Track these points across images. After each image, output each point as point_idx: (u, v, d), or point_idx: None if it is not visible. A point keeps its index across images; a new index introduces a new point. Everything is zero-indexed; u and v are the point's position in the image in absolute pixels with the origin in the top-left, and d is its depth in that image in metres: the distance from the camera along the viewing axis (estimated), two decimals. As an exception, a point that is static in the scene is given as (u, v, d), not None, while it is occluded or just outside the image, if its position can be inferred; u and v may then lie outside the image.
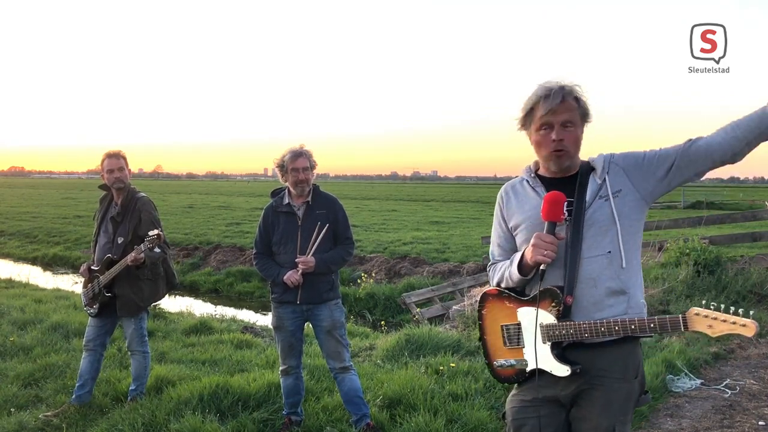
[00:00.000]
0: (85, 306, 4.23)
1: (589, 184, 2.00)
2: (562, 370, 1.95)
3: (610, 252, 1.94)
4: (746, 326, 1.62)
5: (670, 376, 4.78)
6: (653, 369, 4.74)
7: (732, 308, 1.63)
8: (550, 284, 1.96)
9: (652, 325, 1.85)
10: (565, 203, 1.94)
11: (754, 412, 4.21)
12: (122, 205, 4.10)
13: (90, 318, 4.23)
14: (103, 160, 4.09)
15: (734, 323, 1.63)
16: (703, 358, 5.31)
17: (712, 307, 1.68)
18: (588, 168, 2.03)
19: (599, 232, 1.95)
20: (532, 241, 1.96)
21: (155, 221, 4.12)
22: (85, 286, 4.22)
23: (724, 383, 4.78)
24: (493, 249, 2.22)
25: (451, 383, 4.44)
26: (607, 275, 1.94)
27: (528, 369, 2.03)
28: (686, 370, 4.92)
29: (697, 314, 1.71)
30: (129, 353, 4.30)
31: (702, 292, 6.80)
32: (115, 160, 4.05)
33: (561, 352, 1.96)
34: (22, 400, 4.32)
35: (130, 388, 4.26)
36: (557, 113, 1.94)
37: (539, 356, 1.98)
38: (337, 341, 3.71)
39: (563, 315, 1.94)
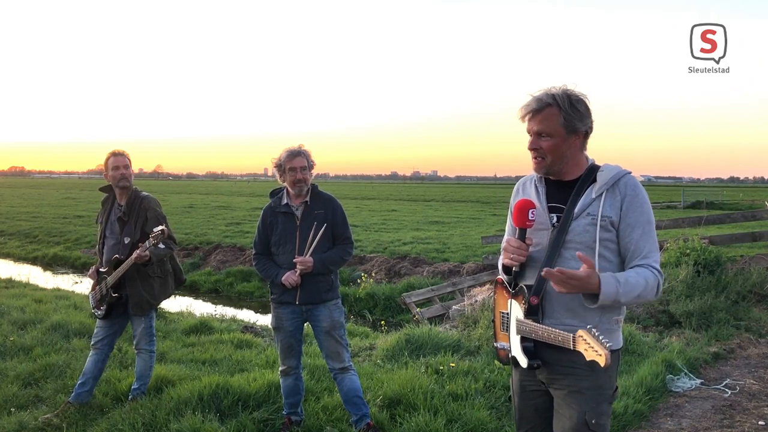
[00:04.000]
0: (93, 308, 4.24)
1: (584, 196, 2.04)
2: (523, 362, 2.10)
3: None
4: (600, 356, 1.77)
5: (670, 376, 4.78)
6: (653, 369, 4.75)
7: (601, 337, 1.79)
8: (527, 282, 2.09)
9: (560, 338, 1.94)
10: (531, 210, 2.03)
11: (754, 412, 4.22)
12: (127, 204, 4.10)
13: (101, 321, 4.23)
14: (108, 158, 4.09)
15: (595, 350, 1.79)
16: (703, 358, 5.32)
17: (593, 332, 1.82)
18: (590, 176, 2.05)
19: (581, 247, 2.01)
20: (503, 244, 2.12)
21: (161, 218, 4.13)
22: (93, 289, 4.22)
23: (724, 383, 4.78)
24: (504, 241, 2.31)
25: (451, 383, 4.44)
26: None
27: (510, 355, 2.20)
28: (686, 370, 4.92)
29: (580, 335, 1.86)
30: (135, 351, 4.29)
31: (702, 291, 6.81)
32: (121, 158, 4.08)
33: (530, 345, 2.08)
34: (22, 400, 4.31)
35: (133, 386, 4.25)
36: (532, 123, 2.02)
37: (514, 345, 2.16)
38: (337, 341, 3.71)
39: (528, 313, 2.06)
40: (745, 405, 4.36)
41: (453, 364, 4.81)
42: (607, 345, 1.74)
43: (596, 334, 1.78)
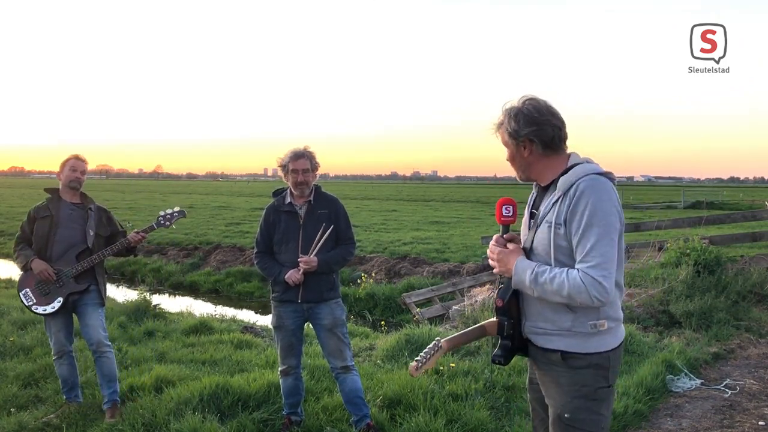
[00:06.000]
0: (34, 305, 3.96)
1: (545, 202, 2.10)
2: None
3: None
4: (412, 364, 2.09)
5: (670, 376, 4.78)
6: (653, 369, 4.74)
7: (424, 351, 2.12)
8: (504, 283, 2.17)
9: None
10: (506, 206, 2.17)
11: (754, 412, 4.22)
12: (82, 201, 4.16)
13: (51, 324, 4.03)
14: (69, 159, 4.15)
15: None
16: (703, 358, 5.31)
17: (435, 345, 2.11)
18: (556, 181, 2.08)
19: (543, 254, 2.06)
20: None
21: (119, 222, 4.33)
22: (29, 285, 3.98)
23: (724, 383, 4.78)
24: None
25: (451, 383, 4.44)
26: None
27: None
28: (686, 370, 4.92)
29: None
30: (97, 353, 4.01)
31: (702, 292, 6.81)
32: (81, 163, 4.16)
33: (507, 343, 2.15)
34: (22, 400, 4.32)
35: (108, 392, 4.02)
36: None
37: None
38: (339, 339, 3.72)
39: (497, 313, 2.15)
40: (745, 405, 4.35)
41: (453, 364, 4.81)
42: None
43: (430, 350, 2.08)
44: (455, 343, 2.20)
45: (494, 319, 2.18)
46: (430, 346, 2.14)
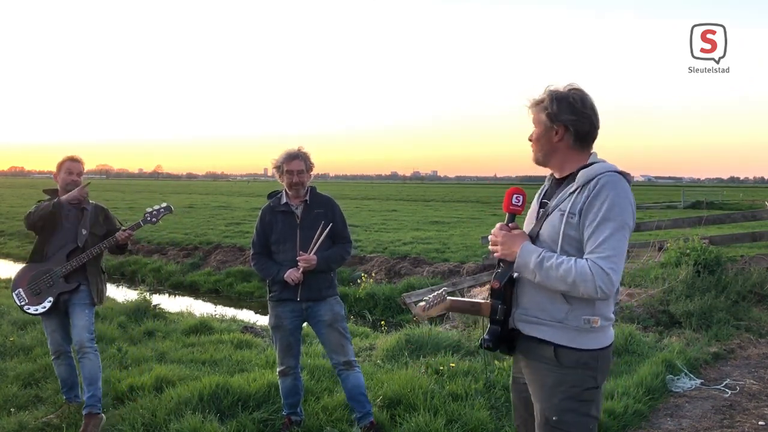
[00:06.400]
0: (28, 305, 3.97)
1: (561, 192, 2.09)
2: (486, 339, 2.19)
3: None
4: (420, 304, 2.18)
5: (670, 376, 4.78)
6: (653, 369, 4.74)
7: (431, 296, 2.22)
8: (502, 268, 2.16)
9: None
10: (516, 195, 2.13)
11: (754, 412, 4.22)
12: (80, 201, 4.12)
13: (47, 324, 4.05)
14: (63, 161, 4.10)
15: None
16: (703, 358, 5.32)
17: (440, 294, 2.21)
18: (575, 174, 2.08)
19: (549, 242, 2.05)
20: None
21: (118, 220, 4.30)
22: (22, 285, 3.98)
23: (724, 383, 4.78)
24: None
25: (451, 383, 4.44)
26: None
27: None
28: (686, 370, 4.92)
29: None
30: (79, 353, 3.91)
31: (702, 292, 6.80)
32: (76, 164, 4.13)
33: (497, 328, 2.13)
34: (22, 400, 4.32)
35: (87, 395, 3.85)
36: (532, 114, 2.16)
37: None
38: (340, 334, 3.72)
39: (491, 296, 2.14)
40: (745, 405, 4.36)
41: (453, 364, 4.81)
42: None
43: (438, 296, 2.18)
44: (454, 306, 2.27)
45: (490, 300, 2.17)
46: (438, 292, 2.18)
